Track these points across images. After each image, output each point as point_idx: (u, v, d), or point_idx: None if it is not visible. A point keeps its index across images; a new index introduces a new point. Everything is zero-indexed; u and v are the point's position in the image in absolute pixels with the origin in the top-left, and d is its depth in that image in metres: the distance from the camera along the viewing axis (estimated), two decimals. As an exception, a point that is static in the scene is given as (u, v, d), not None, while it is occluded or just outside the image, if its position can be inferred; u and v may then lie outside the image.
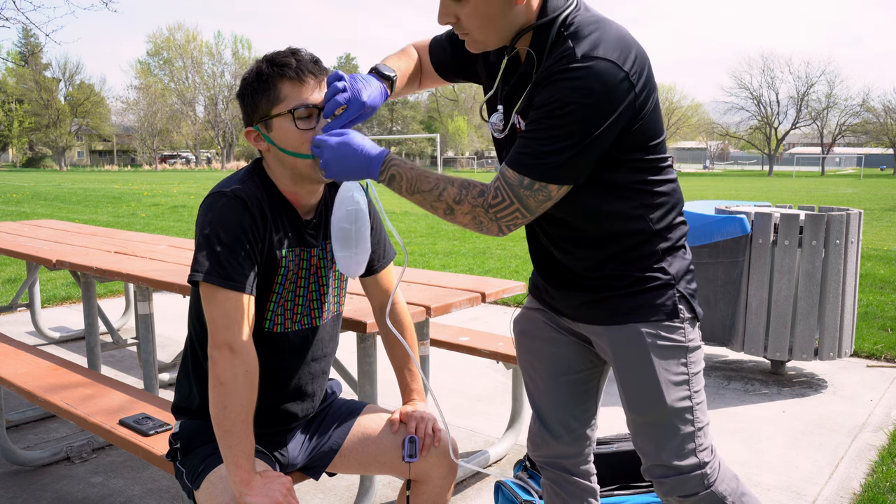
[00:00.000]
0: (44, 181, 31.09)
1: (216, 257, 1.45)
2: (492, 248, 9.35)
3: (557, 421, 1.68)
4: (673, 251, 1.48)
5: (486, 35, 1.37)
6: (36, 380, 2.49)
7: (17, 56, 61.23)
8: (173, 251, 3.47)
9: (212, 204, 1.50)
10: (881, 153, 68.78)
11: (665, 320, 1.45)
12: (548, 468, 1.75)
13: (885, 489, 2.62)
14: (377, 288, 1.83)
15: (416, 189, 1.38)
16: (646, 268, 1.45)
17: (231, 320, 1.44)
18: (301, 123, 1.50)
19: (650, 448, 1.49)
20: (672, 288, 1.46)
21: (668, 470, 1.47)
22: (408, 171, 1.38)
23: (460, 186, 1.36)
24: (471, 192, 1.36)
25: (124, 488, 2.69)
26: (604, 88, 1.26)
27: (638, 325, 1.45)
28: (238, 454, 1.42)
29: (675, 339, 1.46)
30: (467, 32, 1.37)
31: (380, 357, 2.39)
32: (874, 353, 4.45)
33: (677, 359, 1.46)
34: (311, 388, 1.73)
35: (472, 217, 1.36)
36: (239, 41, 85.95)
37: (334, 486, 2.70)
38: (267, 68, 1.50)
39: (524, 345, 1.72)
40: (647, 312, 1.45)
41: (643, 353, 1.45)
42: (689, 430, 1.46)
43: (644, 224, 1.44)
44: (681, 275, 1.48)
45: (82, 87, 65.29)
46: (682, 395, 1.46)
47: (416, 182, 1.38)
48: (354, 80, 1.44)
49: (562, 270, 1.54)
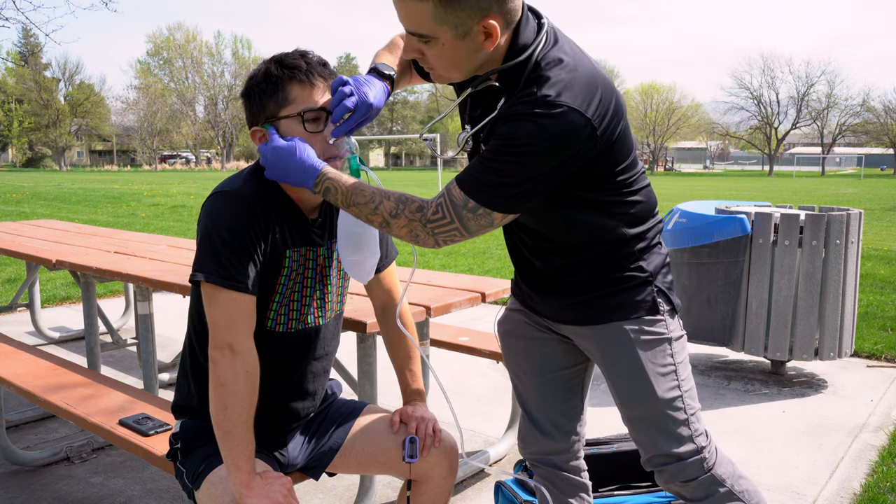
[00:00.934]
0: (43, 181, 31.09)
1: (218, 257, 1.45)
2: (492, 248, 9.35)
3: (546, 418, 1.71)
4: (649, 249, 1.51)
5: (451, 74, 1.39)
6: (36, 380, 2.49)
7: (16, 56, 61.26)
8: (173, 251, 3.47)
9: (214, 204, 1.50)
10: (881, 153, 68.78)
11: (646, 315, 1.49)
12: (539, 465, 1.78)
13: (885, 489, 2.62)
14: (380, 288, 1.82)
15: (351, 202, 1.40)
16: (624, 268, 1.49)
17: (232, 321, 1.44)
18: (310, 126, 1.50)
19: (647, 440, 1.53)
20: (650, 284, 1.50)
21: (668, 458, 1.51)
22: (342, 185, 1.41)
23: (397, 201, 1.38)
24: (408, 206, 1.37)
25: (124, 488, 2.69)
26: (563, 135, 1.27)
27: (621, 322, 1.49)
28: (238, 455, 1.41)
29: (657, 332, 1.49)
30: (432, 68, 1.39)
31: (380, 357, 2.39)
32: (874, 353, 4.45)
33: (662, 350, 1.50)
34: (313, 387, 1.73)
35: (409, 230, 1.38)
36: (239, 41, 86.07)
37: (334, 486, 2.70)
38: (276, 70, 1.50)
39: (509, 345, 1.75)
40: (628, 310, 1.49)
41: (629, 349, 1.49)
42: (682, 418, 1.50)
43: (620, 232, 1.47)
44: (657, 270, 1.51)
45: (82, 87, 65.32)
46: (671, 384, 1.50)
47: (350, 195, 1.40)
48: (359, 84, 1.46)
49: (541, 276, 1.57)
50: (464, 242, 9.85)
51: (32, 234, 4.16)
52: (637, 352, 1.48)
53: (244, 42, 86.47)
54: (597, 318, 1.51)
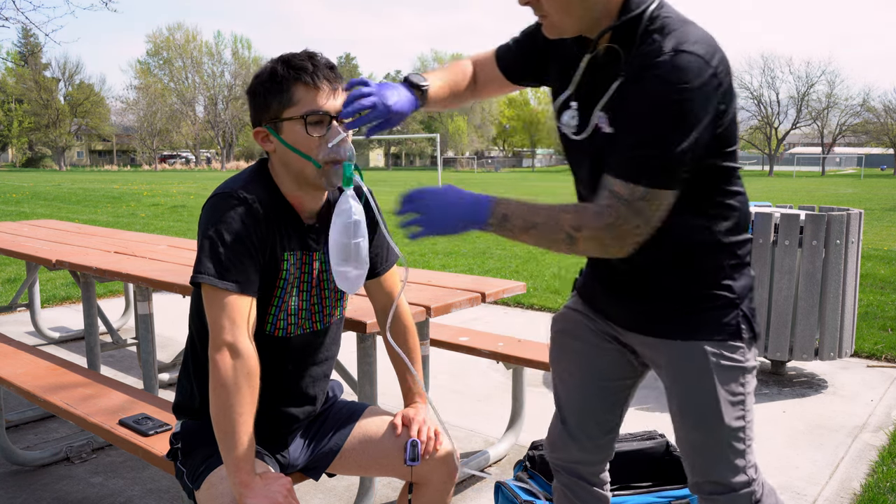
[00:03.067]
0: (43, 181, 31.08)
1: (219, 259, 1.44)
2: (492, 248, 9.35)
3: (580, 426, 1.66)
4: (739, 268, 1.45)
5: (564, 18, 1.34)
6: (36, 380, 2.49)
7: (16, 56, 61.23)
8: (173, 251, 3.47)
9: (216, 205, 1.49)
10: (881, 153, 68.75)
11: (728, 339, 1.42)
12: (563, 472, 1.72)
13: (885, 489, 2.62)
14: (380, 291, 1.82)
15: (530, 224, 1.31)
16: (712, 284, 1.42)
17: (233, 322, 1.43)
18: (312, 129, 1.49)
19: (703, 464, 1.48)
20: (737, 308, 1.43)
21: (720, 487, 1.46)
22: (519, 208, 1.32)
23: (574, 211, 1.30)
24: (585, 215, 1.29)
25: (124, 488, 2.69)
26: (698, 82, 1.22)
27: (702, 343, 1.42)
28: (238, 456, 1.41)
29: (735, 360, 1.43)
30: (546, 14, 1.35)
31: (380, 357, 2.38)
32: (874, 353, 4.44)
33: (736, 379, 1.44)
34: (313, 391, 1.73)
35: (597, 243, 1.30)
36: (239, 41, 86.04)
37: (334, 487, 2.70)
38: (282, 70, 1.49)
39: (562, 345, 1.69)
40: (711, 330, 1.42)
41: (705, 371, 1.42)
42: (741, 448, 1.45)
43: (711, 236, 1.40)
44: (745, 293, 1.45)
45: (82, 87, 65.29)
46: (738, 413, 1.44)
47: (530, 215, 1.32)
48: (381, 86, 1.43)
49: (618, 276, 1.50)
50: (464, 242, 9.84)
51: (32, 234, 4.16)
52: (713, 376, 1.41)
53: (244, 42, 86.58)
54: (674, 332, 1.44)
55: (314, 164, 1.51)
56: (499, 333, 3.25)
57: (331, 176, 1.52)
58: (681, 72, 1.22)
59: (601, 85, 1.37)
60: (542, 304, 5.89)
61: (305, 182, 1.55)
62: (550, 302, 5.93)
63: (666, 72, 1.23)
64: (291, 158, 1.52)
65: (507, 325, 5.21)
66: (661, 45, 1.25)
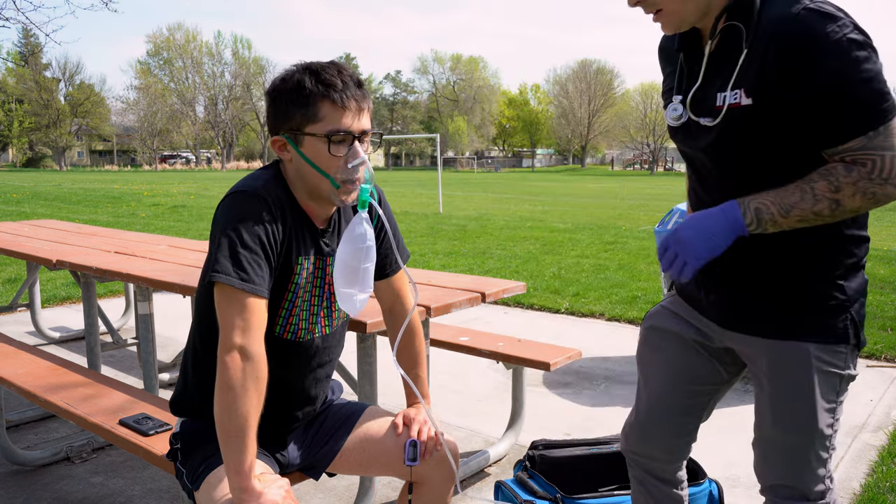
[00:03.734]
0: (44, 181, 31.08)
1: (238, 259, 1.42)
2: (492, 248, 9.35)
3: (657, 426, 1.65)
4: (855, 269, 1.40)
5: (681, 8, 1.33)
6: (36, 380, 2.49)
7: (17, 56, 61.24)
8: (173, 251, 3.47)
9: (234, 203, 1.47)
10: (881, 153, 68.62)
11: (833, 343, 1.39)
12: (635, 466, 1.72)
13: (884, 489, 2.62)
14: (389, 290, 1.81)
15: (787, 206, 1.28)
16: (825, 281, 1.38)
17: (247, 325, 1.41)
18: (334, 149, 1.48)
19: (783, 468, 1.45)
20: (846, 311, 1.39)
21: (796, 493, 1.44)
22: (766, 197, 1.30)
23: (822, 177, 1.27)
24: (838, 173, 1.25)
25: (124, 488, 2.69)
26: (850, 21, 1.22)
27: (807, 344, 1.39)
28: (239, 459, 1.39)
29: (837, 365, 1.40)
30: (659, 8, 1.34)
31: (380, 357, 2.39)
32: (874, 353, 4.44)
33: (834, 385, 1.41)
34: (315, 392, 1.73)
35: (863, 194, 1.25)
36: (239, 41, 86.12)
37: (334, 486, 2.70)
38: (311, 83, 1.46)
39: (652, 341, 1.66)
40: (818, 332, 1.38)
41: (806, 373, 1.39)
42: (825, 457, 1.43)
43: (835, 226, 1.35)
44: (857, 297, 1.41)
45: (82, 87, 65.32)
46: (830, 420, 1.41)
47: (781, 199, 1.29)
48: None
49: (727, 266, 1.44)
50: (463, 243, 9.84)
51: (33, 234, 4.16)
52: (813, 378, 1.38)
53: (244, 42, 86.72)
54: (778, 332, 1.41)
55: (332, 183, 1.50)
56: (499, 333, 3.26)
57: (346, 195, 1.52)
58: (828, 19, 1.21)
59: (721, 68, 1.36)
60: (542, 304, 5.89)
61: (319, 196, 1.55)
62: (550, 302, 5.93)
63: (816, 22, 1.21)
64: (308, 172, 1.51)
65: (507, 325, 5.21)
66: (789, 7, 1.25)
